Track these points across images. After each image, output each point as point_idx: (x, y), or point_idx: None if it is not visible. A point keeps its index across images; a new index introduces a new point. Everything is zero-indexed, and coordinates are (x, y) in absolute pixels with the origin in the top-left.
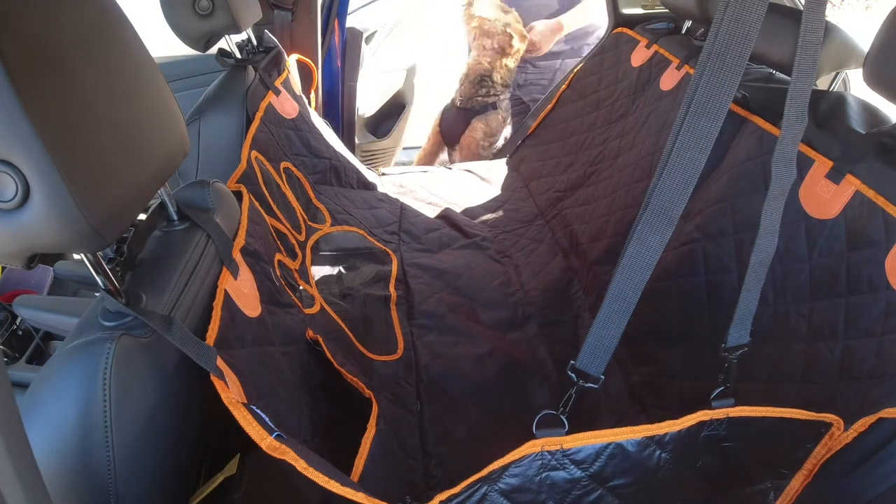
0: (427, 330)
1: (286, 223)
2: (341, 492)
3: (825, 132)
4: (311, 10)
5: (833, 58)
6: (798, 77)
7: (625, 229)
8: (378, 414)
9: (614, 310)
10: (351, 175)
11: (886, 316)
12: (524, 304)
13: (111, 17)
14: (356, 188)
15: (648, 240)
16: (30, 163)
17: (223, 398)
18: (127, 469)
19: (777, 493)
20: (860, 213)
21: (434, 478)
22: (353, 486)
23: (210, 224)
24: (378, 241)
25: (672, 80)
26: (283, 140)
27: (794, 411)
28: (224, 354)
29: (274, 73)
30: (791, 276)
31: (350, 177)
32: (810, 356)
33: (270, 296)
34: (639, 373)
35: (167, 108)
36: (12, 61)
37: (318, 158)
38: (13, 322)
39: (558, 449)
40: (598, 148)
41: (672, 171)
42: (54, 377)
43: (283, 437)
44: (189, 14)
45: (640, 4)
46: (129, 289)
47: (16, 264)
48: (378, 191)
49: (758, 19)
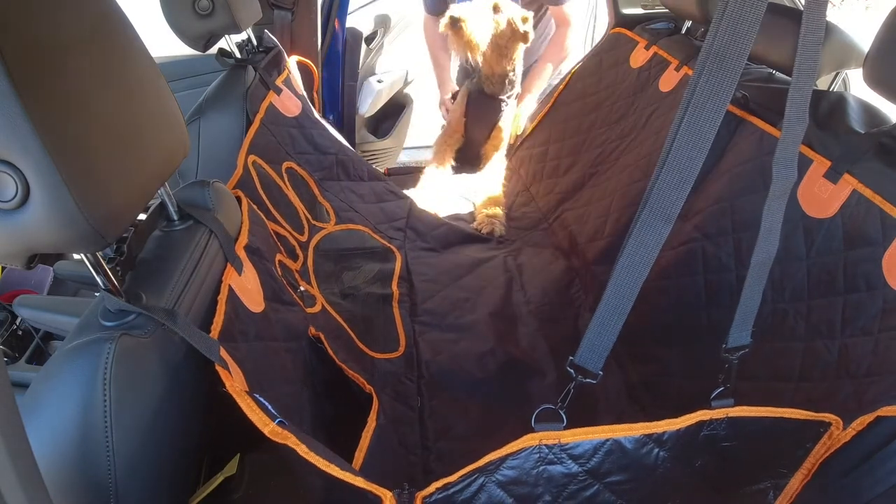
0: (429, 327)
1: (286, 225)
2: (341, 475)
3: (825, 132)
4: (311, 10)
5: (833, 58)
6: (798, 78)
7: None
8: (378, 409)
9: (613, 307)
10: (360, 167)
11: (884, 314)
12: (525, 302)
13: (111, 17)
14: (367, 180)
15: (647, 238)
16: (30, 163)
17: (227, 387)
18: (127, 469)
19: (776, 493)
20: (857, 212)
21: (433, 473)
22: (352, 472)
23: (213, 221)
24: (383, 238)
25: (671, 82)
26: (285, 139)
27: (794, 411)
28: (228, 347)
29: (274, 72)
30: (789, 275)
31: (359, 169)
32: (808, 354)
33: (274, 292)
34: (638, 372)
35: (167, 108)
36: (12, 61)
37: (324, 154)
38: (13, 322)
39: (556, 443)
40: (597, 149)
41: (670, 169)
42: (54, 377)
43: (284, 423)
44: (189, 14)
45: (640, 4)
46: (130, 288)
47: (16, 264)
48: (389, 182)
49: (757, 19)
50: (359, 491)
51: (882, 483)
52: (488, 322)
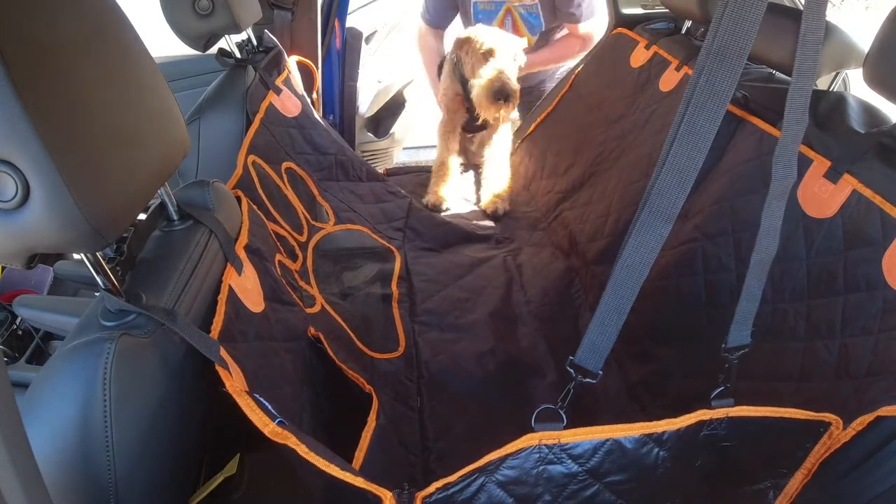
0: (429, 327)
1: (286, 226)
2: (341, 475)
3: (825, 132)
4: (311, 10)
5: (833, 58)
6: (798, 78)
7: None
8: (378, 409)
9: (613, 306)
10: (359, 168)
11: (883, 314)
12: (525, 302)
13: (111, 17)
14: (366, 181)
15: (647, 238)
16: (30, 163)
17: (227, 386)
18: (127, 469)
19: (776, 493)
20: (857, 212)
21: (434, 473)
22: (352, 472)
23: (213, 221)
24: (382, 238)
25: (671, 81)
26: (284, 139)
27: (794, 411)
28: (228, 347)
29: (274, 72)
30: (789, 275)
31: (358, 169)
32: (808, 354)
33: (273, 293)
34: (637, 372)
35: (167, 108)
36: (12, 61)
37: (323, 155)
38: (13, 322)
39: (556, 443)
40: (597, 149)
41: (670, 169)
42: (54, 377)
43: (284, 423)
44: (189, 14)
45: (640, 4)
46: (129, 288)
47: (16, 264)
48: (389, 182)
49: (757, 19)
50: (359, 491)
51: (882, 483)
52: (488, 322)
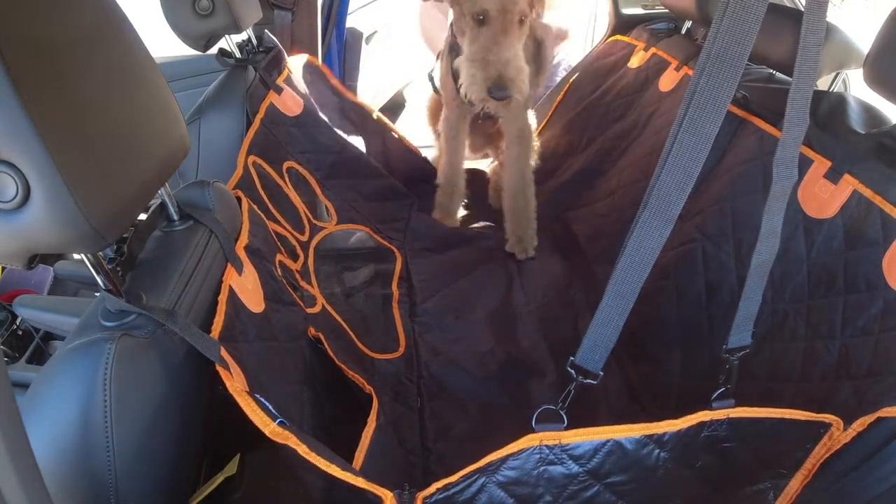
0: (429, 327)
1: (287, 225)
2: (341, 475)
3: (825, 132)
4: (311, 10)
5: (833, 58)
6: (799, 78)
7: (624, 229)
8: (378, 409)
9: (613, 307)
10: (364, 165)
11: (884, 314)
12: (525, 302)
13: (111, 17)
14: (370, 178)
15: (647, 238)
16: (30, 163)
17: (228, 387)
18: (127, 469)
19: (776, 493)
20: (858, 212)
21: (434, 474)
22: (352, 472)
23: (213, 221)
24: (383, 238)
25: (671, 82)
26: (286, 139)
27: (794, 412)
28: (228, 347)
29: (274, 72)
30: (789, 276)
31: (363, 167)
32: (809, 355)
33: (274, 293)
34: (638, 372)
35: (167, 108)
36: (12, 61)
37: (326, 153)
38: (13, 322)
39: (556, 444)
40: (597, 149)
41: (671, 170)
42: (54, 377)
43: (285, 423)
44: (189, 14)
45: (640, 4)
46: (130, 289)
47: (16, 264)
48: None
49: (757, 20)
50: (359, 491)
51: (882, 483)
52: (488, 322)
